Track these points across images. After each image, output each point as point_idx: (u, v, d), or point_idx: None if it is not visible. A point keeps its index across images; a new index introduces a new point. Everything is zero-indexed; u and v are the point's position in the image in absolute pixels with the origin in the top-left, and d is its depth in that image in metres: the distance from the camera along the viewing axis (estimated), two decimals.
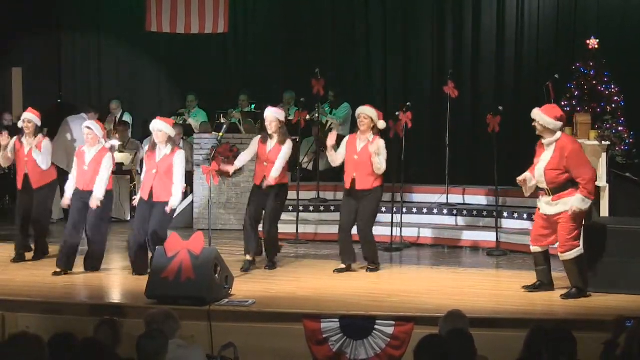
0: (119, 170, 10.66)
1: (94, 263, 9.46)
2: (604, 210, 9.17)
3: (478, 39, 13.31)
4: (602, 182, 9.12)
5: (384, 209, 11.58)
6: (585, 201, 8.11)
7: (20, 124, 9.95)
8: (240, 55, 14.88)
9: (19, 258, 9.96)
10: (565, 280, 8.44)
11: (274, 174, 9.37)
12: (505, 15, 13.12)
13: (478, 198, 11.71)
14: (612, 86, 10.82)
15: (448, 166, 11.76)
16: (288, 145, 9.51)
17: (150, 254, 9.01)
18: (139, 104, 14.82)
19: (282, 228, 11.54)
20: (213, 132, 12.48)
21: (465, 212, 11.46)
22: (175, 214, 11.75)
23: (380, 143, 9.34)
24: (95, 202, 9.16)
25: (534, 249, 8.57)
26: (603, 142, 8.98)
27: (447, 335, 5.29)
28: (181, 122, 13.62)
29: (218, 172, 9.36)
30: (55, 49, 15.28)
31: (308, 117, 12.44)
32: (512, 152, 12.52)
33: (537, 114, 8.35)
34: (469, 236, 11.15)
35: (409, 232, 11.20)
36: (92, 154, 9.37)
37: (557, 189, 8.20)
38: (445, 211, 11.52)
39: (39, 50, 14.80)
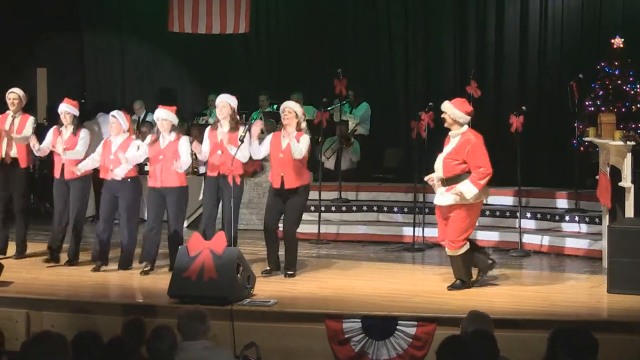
0: (142, 170, 10.68)
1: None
2: (629, 211, 9.09)
3: (501, 38, 13.24)
4: (627, 182, 9.03)
5: (405, 209, 11.60)
6: (470, 188, 8.29)
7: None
8: (262, 55, 14.90)
9: (51, 258, 9.78)
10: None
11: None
12: (528, 14, 13.03)
13: (500, 198, 11.65)
14: (638, 86, 10.74)
15: None
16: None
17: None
18: (160, 104, 14.83)
19: (304, 228, 11.54)
20: None
21: (487, 213, 11.40)
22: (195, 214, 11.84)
23: (304, 137, 9.09)
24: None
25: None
26: (628, 143, 8.90)
27: (470, 336, 5.28)
28: (203, 122, 13.65)
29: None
30: (78, 50, 15.38)
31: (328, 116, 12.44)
32: (534, 152, 12.47)
33: (448, 107, 8.60)
34: (491, 236, 11.10)
35: (431, 233, 11.15)
36: (118, 143, 9.46)
37: (452, 179, 8.44)
38: None
39: (63, 51, 14.90)
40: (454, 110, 8.55)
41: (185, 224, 11.36)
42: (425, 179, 8.85)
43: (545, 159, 12.70)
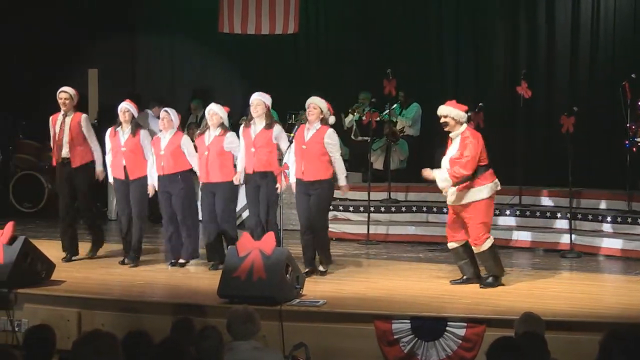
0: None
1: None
2: None
3: (552, 38, 13.09)
4: None
5: None
6: (445, 179, 8.52)
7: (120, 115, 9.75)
8: (312, 56, 14.90)
9: (130, 260, 9.80)
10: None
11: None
12: (580, 13, 12.87)
13: (551, 199, 11.57)
14: None
15: (521, 167, 11.63)
16: (279, 129, 9.32)
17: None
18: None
19: (353, 229, 11.60)
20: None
21: (538, 214, 11.32)
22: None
23: (329, 132, 9.13)
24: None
25: (451, 245, 8.84)
26: None
27: (520, 338, 5.23)
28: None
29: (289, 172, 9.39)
30: (130, 51, 15.51)
31: (378, 118, 12.40)
32: (586, 153, 12.31)
33: (448, 109, 8.67)
34: (542, 238, 11.01)
35: None
36: (167, 138, 9.55)
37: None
38: (517, 212, 11.39)
39: (114, 52, 15.03)
40: (456, 112, 8.64)
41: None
42: (424, 173, 8.90)
43: (597, 160, 12.54)
